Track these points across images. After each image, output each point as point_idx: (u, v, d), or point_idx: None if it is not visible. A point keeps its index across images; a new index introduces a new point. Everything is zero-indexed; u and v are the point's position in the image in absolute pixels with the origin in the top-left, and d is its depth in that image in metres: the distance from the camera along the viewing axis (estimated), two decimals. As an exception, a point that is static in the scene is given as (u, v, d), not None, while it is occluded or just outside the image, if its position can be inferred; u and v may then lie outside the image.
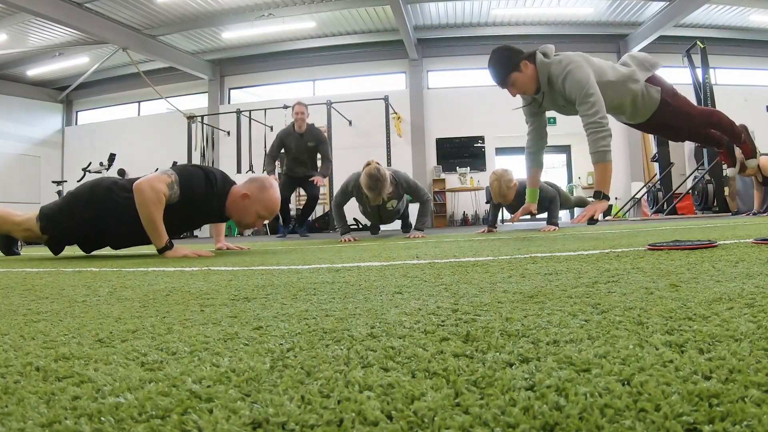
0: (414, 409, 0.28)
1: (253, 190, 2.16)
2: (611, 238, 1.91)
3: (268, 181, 2.23)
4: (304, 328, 0.52)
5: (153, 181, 2.00)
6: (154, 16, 8.21)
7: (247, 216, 2.17)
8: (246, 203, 2.16)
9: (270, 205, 2.18)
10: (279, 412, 0.29)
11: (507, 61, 2.23)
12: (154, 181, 2.01)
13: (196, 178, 2.11)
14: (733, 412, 0.26)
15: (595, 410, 0.27)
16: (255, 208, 2.16)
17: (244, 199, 2.16)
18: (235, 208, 2.18)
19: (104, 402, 0.32)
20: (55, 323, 0.63)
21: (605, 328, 0.45)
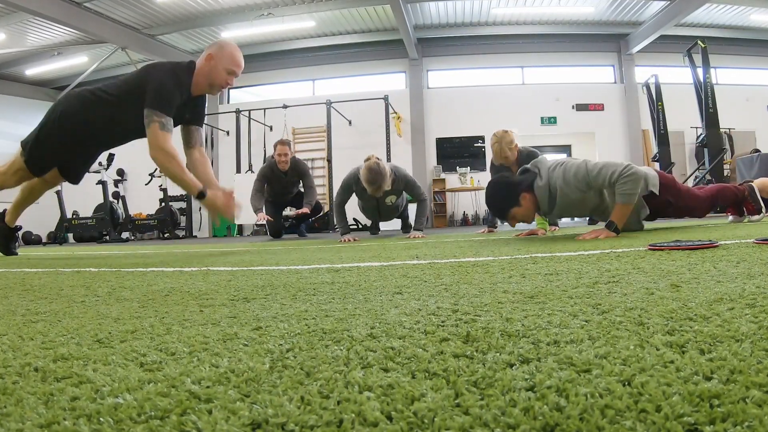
0: (414, 410, 0.28)
1: (213, 50, 2.18)
2: (612, 238, 1.91)
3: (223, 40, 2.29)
4: (303, 329, 0.52)
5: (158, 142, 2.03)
6: (153, 15, 8.19)
7: (217, 76, 2.18)
8: (212, 64, 2.16)
9: (235, 57, 2.20)
10: (278, 413, 0.29)
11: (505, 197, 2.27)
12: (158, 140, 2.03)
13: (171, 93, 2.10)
14: (734, 412, 0.25)
15: (596, 411, 0.27)
16: (221, 65, 2.17)
17: (209, 61, 2.17)
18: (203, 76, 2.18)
19: (103, 403, 0.32)
20: (54, 324, 0.62)
21: (606, 328, 0.45)
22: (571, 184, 2.16)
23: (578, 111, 9.48)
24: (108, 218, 7.73)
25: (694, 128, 8.11)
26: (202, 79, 2.19)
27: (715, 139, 6.58)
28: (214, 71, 2.17)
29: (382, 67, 9.90)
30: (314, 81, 10.28)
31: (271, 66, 10.09)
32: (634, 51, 9.23)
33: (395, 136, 8.85)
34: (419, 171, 9.37)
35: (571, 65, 9.67)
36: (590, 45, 9.45)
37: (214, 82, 2.20)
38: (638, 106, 9.24)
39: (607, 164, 2.13)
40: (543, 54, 9.54)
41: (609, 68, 9.70)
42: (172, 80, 2.09)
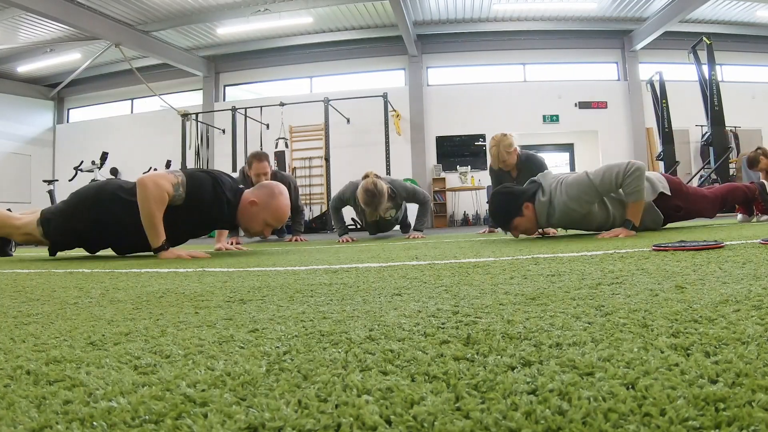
0: (413, 414, 0.28)
1: (261, 197, 2.13)
2: (615, 238, 1.91)
3: (277, 187, 2.19)
4: (300, 331, 0.52)
5: (158, 178, 1.97)
6: (147, 11, 8.14)
7: (254, 223, 2.15)
8: (254, 210, 2.12)
9: (278, 214, 2.14)
10: (275, 417, 0.28)
11: (509, 208, 2.30)
12: (159, 178, 1.98)
13: (204, 183, 2.07)
14: (740, 416, 0.25)
15: (599, 415, 0.26)
16: (262, 215, 2.13)
17: (252, 206, 2.12)
18: (243, 215, 2.16)
19: (96, 406, 0.31)
20: (47, 326, 0.62)
21: (609, 330, 0.45)
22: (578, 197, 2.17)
23: (581, 109, 9.47)
24: (103, 218, 7.66)
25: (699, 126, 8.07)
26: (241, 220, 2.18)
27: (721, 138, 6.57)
28: (253, 218, 2.14)
29: (381, 64, 9.88)
30: (312, 78, 10.25)
31: (267, 63, 10.06)
32: (638, 48, 9.22)
33: (394, 135, 8.83)
34: (419, 170, 9.36)
35: (573, 62, 9.65)
36: (593, 41, 9.43)
37: (249, 229, 2.18)
38: (642, 104, 9.21)
39: (607, 168, 2.14)
40: (545, 51, 9.53)
41: (612, 65, 9.69)
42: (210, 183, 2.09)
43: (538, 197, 2.27)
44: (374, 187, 3.08)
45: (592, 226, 2.33)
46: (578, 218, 2.25)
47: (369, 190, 3.08)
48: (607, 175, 2.12)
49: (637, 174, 2.07)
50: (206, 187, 2.07)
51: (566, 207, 2.19)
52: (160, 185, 1.95)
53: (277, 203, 2.14)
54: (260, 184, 2.24)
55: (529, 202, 2.27)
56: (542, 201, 2.25)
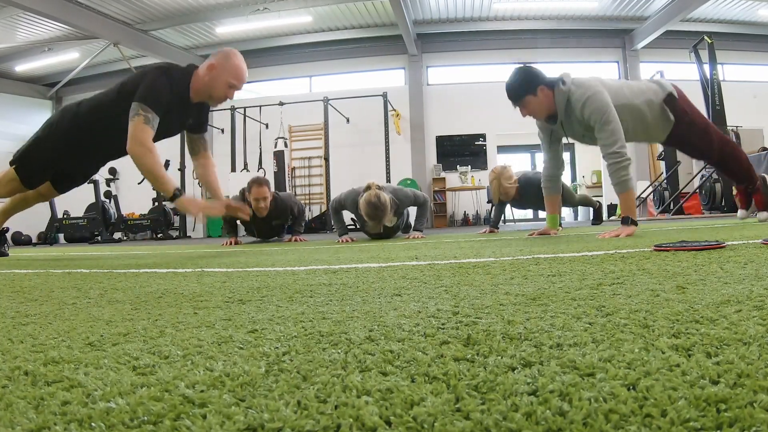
0: (413, 415, 0.28)
1: (218, 60, 2.10)
2: (616, 238, 1.91)
3: (231, 50, 2.16)
4: (300, 332, 0.52)
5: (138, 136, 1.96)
6: (146, 10, 8.12)
7: (217, 88, 2.10)
8: (213, 74, 2.08)
9: (238, 71, 2.11)
10: (274, 418, 0.28)
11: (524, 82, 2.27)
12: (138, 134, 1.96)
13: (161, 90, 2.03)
14: (742, 417, 0.25)
15: (600, 416, 0.26)
16: (223, 77, 2.09)
17: (211, 71, 2.09)
18: (203, 84, 2.10)
19: (95, 407, 0.31)
20: (44, 326, 0.62)
21: (610, 331, 0.45)
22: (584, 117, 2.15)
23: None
24: (100, 218, 7.67)
25: None
26: (202, 87, 2.12)
27: None
28: (214, 82, 2.09)
29: (380, 63, 9.86)
30: (311, 77, 10.23)
31: (267, 62, 10.03)
32: (639, 47, 9.21)
33: (394, 134, 8.82)
34: (419, 170, 9.35)
35: (574, 61, 9.62)
36: (594, 41, 9.41)
37: (213, 94, 2.12)
38: (644, 104, 9.28)
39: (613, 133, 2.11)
40: (546, 50, 9.51)
41: (613, 64, 9.68)
42: (164, 79, 2.03)
43: (558, 86, 2.23)
44: (378, 200, 2.98)
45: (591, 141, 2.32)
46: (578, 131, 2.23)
47: (372, 203, 2.98)
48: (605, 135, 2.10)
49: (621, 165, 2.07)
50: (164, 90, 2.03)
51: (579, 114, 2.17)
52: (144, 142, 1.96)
53: (234, 60, 2.12)
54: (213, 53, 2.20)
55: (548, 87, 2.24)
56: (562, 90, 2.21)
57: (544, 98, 2.24)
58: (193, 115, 2.24)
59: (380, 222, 3.11)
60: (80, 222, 7.86)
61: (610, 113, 2.14)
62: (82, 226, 7.84)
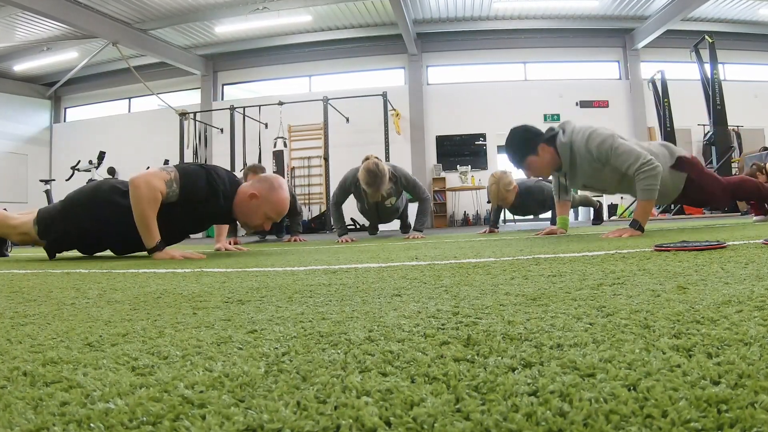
0: (413, 415, 0.28)
1: (261, 190, 2.09)
2: (617, 238, 1.90)
3: (277, 180, 2.16)
4: (299, 332, 0.51)
5: (150, 177, 1.93)
6: (145, 9, 8.11)
7: (254, 217, 2.11)
8: (253, 203, 2.09)
9: (279, 207, 2.10)
10: (274, 419, 0.28)
11: (524, 144, 2.26)
12: (152, 177, 1.94)
13: (198, 177, 2.03)
14: (743, 418, 0.25)
15: (600, 416, 0.26)
16: (263, 208, 2.09)
17: (252, 199, 2.09)
18: (242, 209, 2.12)
19: (93, 408, 0.31)
20: (43, 326, 0.61)
21: (610, 331, 0.45)
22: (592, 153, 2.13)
23: (582, 108, 9.45)
24: (99, 218, 7.63)
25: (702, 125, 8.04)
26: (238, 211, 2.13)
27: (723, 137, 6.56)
28: (252, 212, 2.09)
29: (380, 62, 9.86)
30: (311, 77, 10.23)
31: (266, 62, 10.04)
32: (639, 46, 9.21)
33: (394, 134, 8.82)
34: (419, 170, 9.35)
35: (575, 61, 9.65)
36: (595, 40, 9.42)
37: (249, 222, 2.14)
38: (644, 103, 9.20)
39: (631, 150, 2.09)
40: (546, 49, 9.52)
41: (614, 64, 9.69)
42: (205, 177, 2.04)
43: (559, 138, 2.22)
44: (376, 168, 3.09)
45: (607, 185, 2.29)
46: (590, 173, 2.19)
47: (371, 170, 3.09)
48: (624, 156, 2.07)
49: (654, 173, 2.04)
50: (201, 181, 2.03)
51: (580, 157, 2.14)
52: (153, 185, 1.92)
53: (277, 196, 2.10)
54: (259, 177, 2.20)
55: (547, 144, 2.22)
56: (563, 142, 2.19)
57: (546, 155, 2.23)
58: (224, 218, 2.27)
59: (378, 189, 3.15)
60: (79, 222, 7.83)
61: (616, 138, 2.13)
62: (81, 226, 7.81)
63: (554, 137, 2.25)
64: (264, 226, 2.15)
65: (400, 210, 3.97)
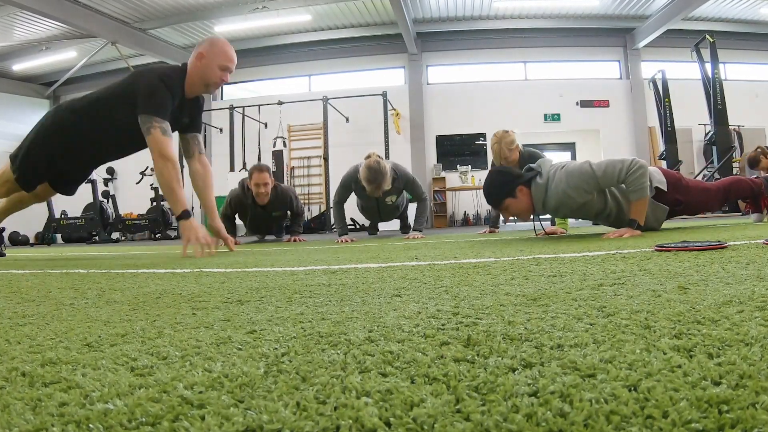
0: (413, 416, 0.28)
1: (203, 48, 2.14)
2: (617, 238, 1.90)
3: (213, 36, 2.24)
4: (299, 332, 0.51)
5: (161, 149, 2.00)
6: (144, 8, 8.10)
7: (211, 74, 2.14)
8: (204, 62, 2.13)
9: (227, 52, 2.15)
10: (273, 419, 0.28)
11: (502, 187, 2.28)
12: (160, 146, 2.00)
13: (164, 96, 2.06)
14: (744, 418, 0.25)
15: (601, 417, 0.26)
16: (215, 61, 2.12)
17: (201, 60, 2.13)
18: (196, 75, 2.14)
19: (92, 408, 0.31)
20: (42, 327, 0.61)
21: (611, 331, 0.45)
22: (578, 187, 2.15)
23: (583, 107, 9.44)
24: (97, 218, 7.66)
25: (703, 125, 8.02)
26: (196, 79, 2.15)
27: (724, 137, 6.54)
28: (207, 69, 2.13)
29: (380, 62, 9.84)
30: (310, 77, 10.21)
31: (265, 61, 10.01)
32: (640, 46, 9.18)
33: (394, 134, 8.81)
34: (419, 169, 9.33)
35: (575, 60, 9.62)
36: (595, 39, 9.40)
37: (209, 81, 2.16)
38: (645, 103, 9.18)
39: (610, 162, 2.13)
40: (546, 49, 9.50)
41: (614, 63, 9.67)
42: (163, 83, 2.05)
43: (535, 180, 2.25)
44: (377, 165, 3.13)
45: (589, 215, 2.32)
46: (575, 207, 2.23)
47: (372, 167, 3.13)
48: (609, 169, 2.10)
49: (641, 171, 2.06)
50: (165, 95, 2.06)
51: (564, 194, 2.17)
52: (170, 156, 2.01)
53: (220, 44, 2.16)
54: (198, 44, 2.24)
55: (525, 186, 2.25)
56: (539, 184, 2.22)
57: (524, 198, 2.26)
58: (187, 113, 2.25)
59: (379, 187, 3.18)
60: (78, 222, 7.84)
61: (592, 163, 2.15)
62: (79, 226, 7.82)
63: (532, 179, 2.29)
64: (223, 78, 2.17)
65: (401, 209, 3.98)
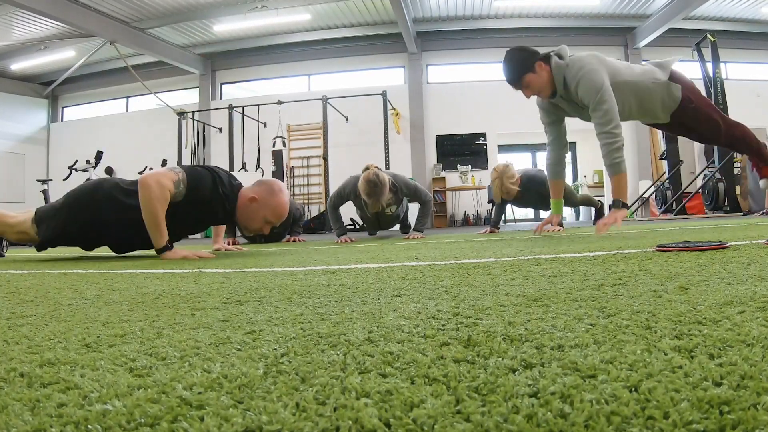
0: (413, 417, 0.28)
1: (261, 194, 2.12)
2: (618, 239, 1.89)
3: (277, 184, 2.19)
4: (298, 333, 0.51)
5: (159, 177, 1.96)
6: (143, 8, 8.08)
7: (254, 221, 2.13)
8: (254, 207, 2.11)
9: (278, 210, 2.12)
10: (273, 420, 0.28)
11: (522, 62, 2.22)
12: (161, 176, 1.96)
13: (203, 178, 2.06)
14: (745, 419, 0.25)
15: (602, 418, 0.26)
16: (263, 212, 2.11)
17: (252, 203, 2.11)
18: (242, 212, 2.13)
19: (91, 409, 0.31)
20: (40, 327, 0.61)
21: (612, 332, 0.45)
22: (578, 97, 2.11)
23: (583, 107, 9.45)
24: (97, 218, 7.61)
25: None
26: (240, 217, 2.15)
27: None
28: (253, 215, 2.11)
29: (380, 61, 9.83)
30: (310, 76, 10.20)
31: (265, 60, 10.00)
32: (641, 45, 9.16)
33: (394, 133, 8.80)
34: (419, 169, 9.33)
35: (576, 60, 9.63)
36: (596, 39, 9.37)
37: (249, 225, 2.15)
38: (646, 102, 9.23)
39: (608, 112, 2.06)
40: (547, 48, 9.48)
41: (615, 63, 9.70)
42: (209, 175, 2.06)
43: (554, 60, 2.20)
44: (376, 178, 3.09)
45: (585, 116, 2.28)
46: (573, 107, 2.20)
47: (371, 181, 3.09)
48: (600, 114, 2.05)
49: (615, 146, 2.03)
50: (206, 182, 2.05)
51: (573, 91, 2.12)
52: (163, 184, 1.94)
53: (277, 200, 2.12)
54: (259, 180, 2.23)
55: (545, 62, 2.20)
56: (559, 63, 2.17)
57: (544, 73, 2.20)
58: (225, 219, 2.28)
59: (378, 200, 3.15)
60: (77, 222, 7.80)
61: (604, 92, 2.09)
62: (78, 226, 7.78)
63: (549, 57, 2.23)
64: (263, 229, 2.16)
65: (401, 217, 3.95)
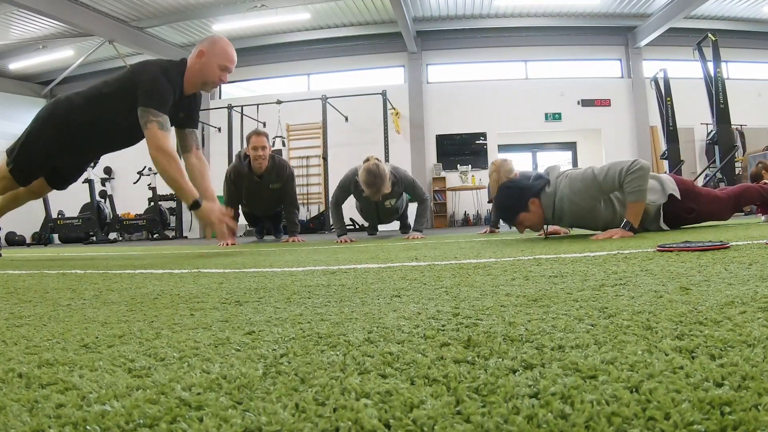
0: (413, 418, 0.28)
1: (204, 46, 2.14)
2: (619, 239, 1.90)
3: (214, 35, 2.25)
4: (298, 333, 0.51)
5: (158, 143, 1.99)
6: (141, 7, 8.07)
7: (209, 73, 2.14)
8: (203, 60, 2.13)
9: (227, 50, 2.16)
10: (272, 421, 0.28)
11: (514, 202, 2.29)
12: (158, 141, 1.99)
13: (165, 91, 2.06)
14: (746, 420, 0.25)
15: (602, 419, 0.26)
16: (214, 61, 2.13)
17: (200, 58, 2.13)
18: (195, 73, 2.15)
19: (89, 410, 0.31)
20: (39, 328, 0.61)
21: (612, 332, 0.45)
22: (582, 192, 2.15)
23: (584, 107, 9.40)
24: (95, 218, 7.64)
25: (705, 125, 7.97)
26: (195, 76, 2.15)
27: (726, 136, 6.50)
28: (206, 68, 2.14)
29: (379, 61, 9.81)
30: (309, 75, 10.18)
31: (264, 60, 9.98)
32: (641, 44, 9.15)
33: (394, 133, 8.79)
34: (418, 169, 9.32)
35: (576, 59, 9.57)
36: (596, 38, 9.36)
37: (207, 80, 2.17)
38: (646, 102, 9.14)
39: (613, 164, 2.12)
40: (547, 47, 9.47)
41: (616, 62, 9.63)
42: (164, 77, 2.05)
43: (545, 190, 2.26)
44: (376, 168, 3.12)
45: (599, 224, 2.31)
46: (583, 213, 2.22)
47: (371, 171, 3.12)
48: (611, 172, 2.10)
49: (641, 173, 2.05)
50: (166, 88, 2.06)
51: (570, 201, 2.17)
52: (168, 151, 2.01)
53: (221, 43, 2.17)
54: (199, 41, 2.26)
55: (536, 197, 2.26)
56: (547, 193, 2.24)
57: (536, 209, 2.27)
58: (184, 109, 2.25)
59: (378, 191, 3.17)
60: (75, 222, 7.82)
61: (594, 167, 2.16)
62: (76, 227, 7.80)
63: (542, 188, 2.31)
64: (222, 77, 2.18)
65: (400, 211, 3.97)
